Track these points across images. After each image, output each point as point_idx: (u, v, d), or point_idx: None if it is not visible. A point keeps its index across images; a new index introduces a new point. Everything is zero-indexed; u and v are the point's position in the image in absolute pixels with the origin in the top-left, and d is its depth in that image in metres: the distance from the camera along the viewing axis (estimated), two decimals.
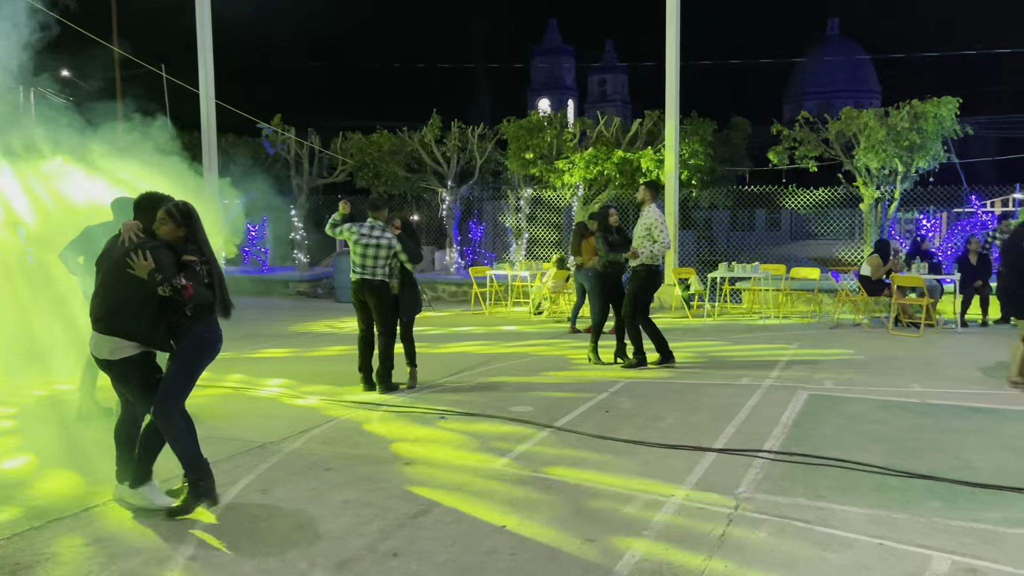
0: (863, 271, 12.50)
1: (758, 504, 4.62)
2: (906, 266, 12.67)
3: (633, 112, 55.24)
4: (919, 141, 14.45)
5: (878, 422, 6.52)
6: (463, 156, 18.61)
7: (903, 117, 14.40)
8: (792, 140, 15.98)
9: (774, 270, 13.98)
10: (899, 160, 14.67)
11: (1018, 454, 5.58)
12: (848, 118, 15.15)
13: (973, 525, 4.29)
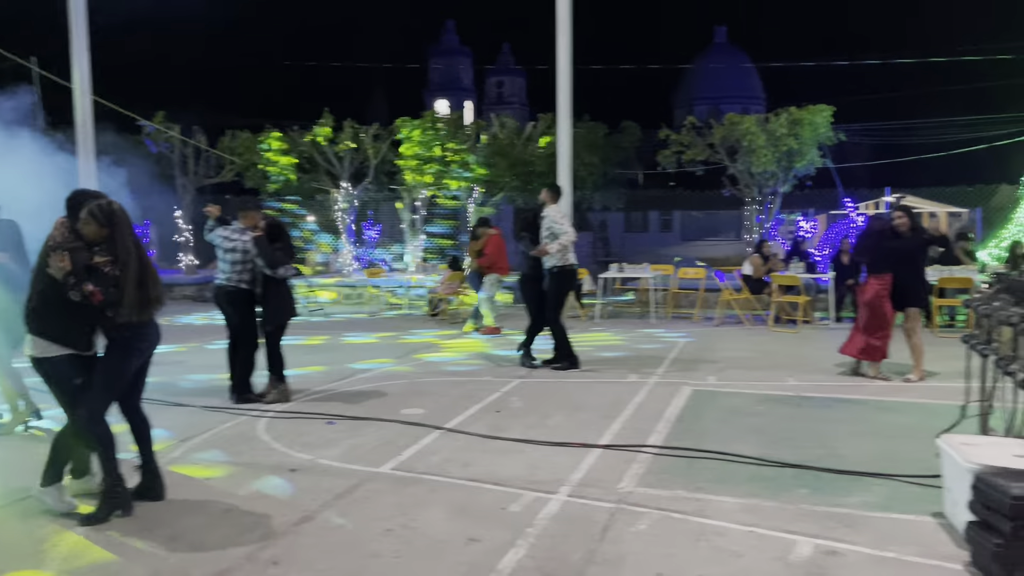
0: (745, 271, 13.04)
1: (639, 498, 4.76)
2: (785, 265, 13.29)
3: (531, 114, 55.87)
4: (797, 146, 15.21)
5: (755, 415, 6.81)
6: (357, 156, 18.38)
7: (782, 123, 15.13)
8: (680, 144, 16.53)
9: (663, 270, 14.41)
10: (778, 164, 15.38)
11: (879, 441, 5.94)
12: (731, 124, 15.79)
13: (836, 510, 4.54)
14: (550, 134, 17.28)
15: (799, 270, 12.84)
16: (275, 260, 7.21)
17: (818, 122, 15.14)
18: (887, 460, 5.42)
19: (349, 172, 18.40)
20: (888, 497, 4.75)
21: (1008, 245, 13.96)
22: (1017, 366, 4.53)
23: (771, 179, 15.81)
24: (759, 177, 15.75)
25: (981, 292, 5.61)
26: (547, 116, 17.31)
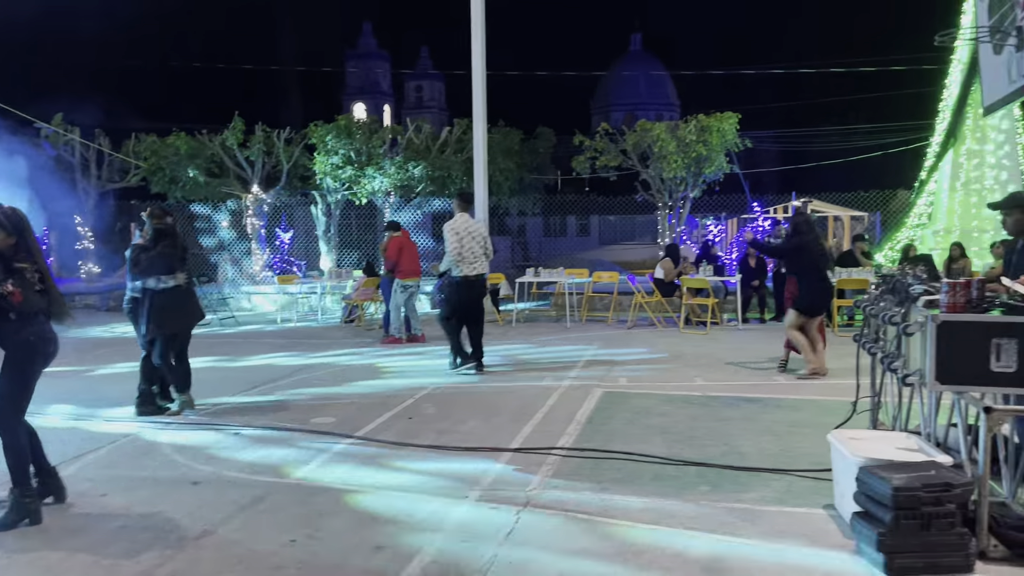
0: (657, 274, 13.34)
1: (547, 500, 4.82)
2: (695, 269, 13.65)
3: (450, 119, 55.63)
4: (705, 153, 15.64)
5: (662, 415, 6.98)
6: (269, 160, 18.02)
7: (691, 130, 15.54)
8: (594, 150, 16.79)
9: (578, 274, 14.62)
10: (688, 170, 15.79)
11: (778, 438, 6.17)
12: (643, 130, 16.14)
13: (735, 505, 4.70)
14: (466, 139, 17.33)
15: (708, 273, 13.20)
16: (144, 269, 6.86)
17: (725, 129, 15.62)
18: (784, 456, 5.64)
19: (261, 176, 18.01)
20: (784, 491, 4.94)
21: (901, 247, 14.68)
22: (900, 363, 4.77)
23: (681, 184, 16.22)
24: (670, 182, 16.14)
25: (869, 293, 5.89)
26: (463, 121, 17.35)
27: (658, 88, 65.33)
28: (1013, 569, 3.78)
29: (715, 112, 15.78)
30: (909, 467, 3.92)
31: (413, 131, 17.95)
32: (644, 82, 63.93)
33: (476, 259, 8.84)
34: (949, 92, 16.17)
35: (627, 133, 16.52)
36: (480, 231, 9.02)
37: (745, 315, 13.24)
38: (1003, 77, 6.48)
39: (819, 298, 8.66)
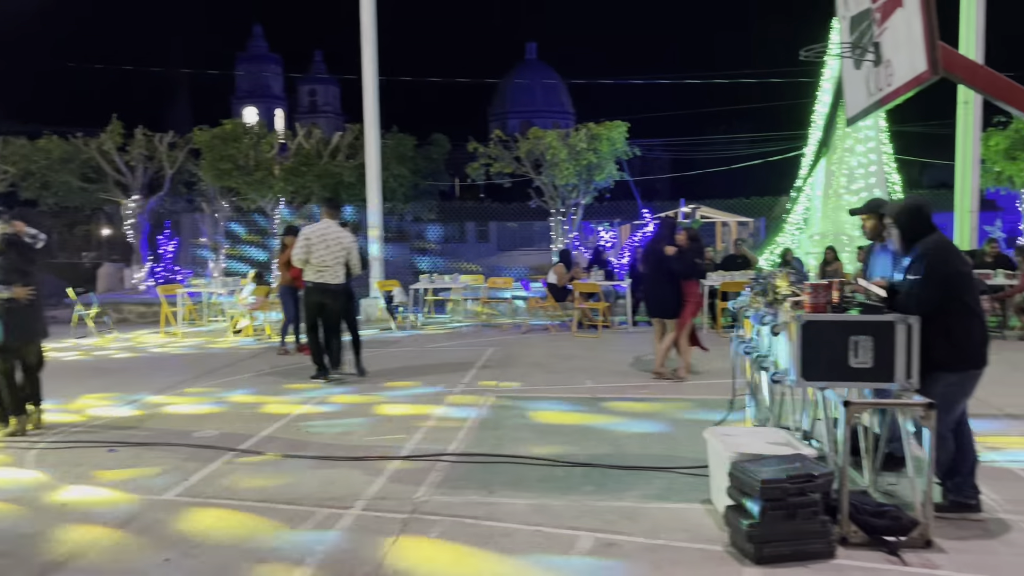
0: (550, 279, 13.53)
1: (434, 506, 4.81)
2: (587, 274, 13.91)
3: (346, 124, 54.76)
4: (596, 160, 15.98)
5: (553, 418, 7.07)
6: (151, 165, 17.30)
7: (581, 138, 15.85)
8: (488, 157, 16.90)
9: (473, 280, 14.66)
10: (579, 177, 16.10)
11: (659, 437, 6.36)
12: (535, 138, 16.35)
13: (618, 504, 4.82)
14: (359, 144, 17.14)
15: (599, 278, 13.48)
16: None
17: (615, 137, 16.01)
18: (667, 454, 5.81)
19: (142, 182, 17.27)
20: (665, 489, 5.09)
21: (780, 251, 15.39)
22: (770, 362, 5.00)
23: (573, 191, 16.52)
24: (562, 189, 16.41)
25: (744, 294, 6.16)
26: (355, 126, 17.15)
27: (554, 96, 66.30)
28: (871, 553, 4.02)
29: (604, 121, 16.16)
30: (776, 460, 4.11)
31: (303, 136, 17.61)
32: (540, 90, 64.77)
33: (325, 267, 8.55)
34: (821, 104, 17.10)
35: (520, 140, 16.69)
36: (339, 240, 8.68)
37: (635, 318, 13.57)
38: (863, 90, 6.89)
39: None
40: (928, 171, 33.44)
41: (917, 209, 4.59)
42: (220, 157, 16.22)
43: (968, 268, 4.57)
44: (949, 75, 5.54)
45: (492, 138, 16.93)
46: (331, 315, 8.82)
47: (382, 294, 14.16)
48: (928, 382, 4.30)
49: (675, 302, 8.63)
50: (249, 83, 66.73)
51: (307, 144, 17.51)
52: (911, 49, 5.57)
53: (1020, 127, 13.68)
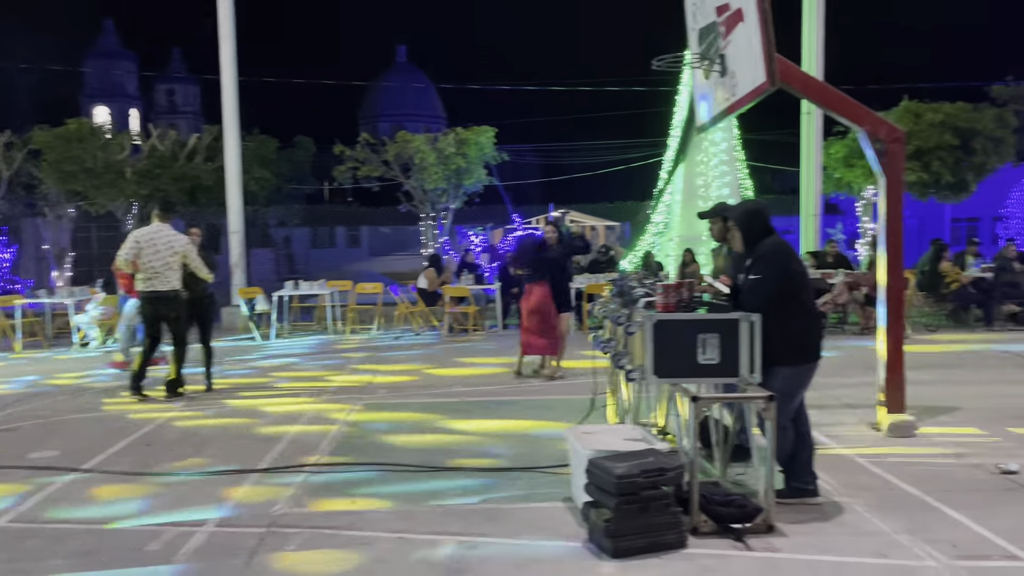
0: (420, 284, 13.46)
1: (293, 518, 4.67)
2: (456, 278, 13.94)
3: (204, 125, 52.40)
4: (465, 165, 16.04)
5: (415, 423, 7.03)
6: None
7: (450, 143, 15.87)
8: (355, 160, 16.63)
9: (341, 286, 14.38)
10: (448, 182, 16.12)
11: (527, 437, 6.44)
12: (403, 141, 16.25)
13: (482, 506, 4.84)
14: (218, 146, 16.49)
15: (469, 282, 13.53)
16: None
17: (483, 142, 16.13)
18: (531, 455, 5.88)
19: None
20: (529, 489, 5.15)
21: (643, 254, 15.94)
22: (626, 360, 5.16)
23: (443, 195, 16.53)
24: (432, 193, 16.39)
25: (604, 296, 6.34)
26: (214, 127, 16.49)
27: (425, 100, 66.11)
28: (719, 541, 4.21)
29: (473, 126, 16.25)
30: (631, 456, 4.24)
31: (157, 137, 16.77)
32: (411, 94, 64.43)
33: (155, 274, 8.08)
34: (678, 112, 17.83)
35: (388, 144, 16.54)
36: (171, 244, 8.16)
37: (505, 321, 13.69)
38: (712, 99, 7.23)
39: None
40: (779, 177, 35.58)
41: (756, 213, 4.86)
42: (64, 158, 15.19)
43: (803, 268, 4.87)
44: (786, 86, 5.89)
45: (360, 141, 16.68)
46: (173, 324, 8.32)
47: (244, 302, 13.67)
48: (768, 376, 4.55)
49: (556, 299, 8.88)
50: (100, 81, 62.94)
51: (161, 146, 16.68)
52: (752, 61, 5.89)
53: (856, 136, 14.73)
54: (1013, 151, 15.22)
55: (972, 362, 9.53)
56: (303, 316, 15.09)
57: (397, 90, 63.40)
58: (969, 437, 6.14)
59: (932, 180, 14.52)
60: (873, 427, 6.41)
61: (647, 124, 33.13)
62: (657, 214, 18.56)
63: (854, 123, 6.23)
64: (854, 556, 4.04)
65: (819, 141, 14.09)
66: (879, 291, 6.44)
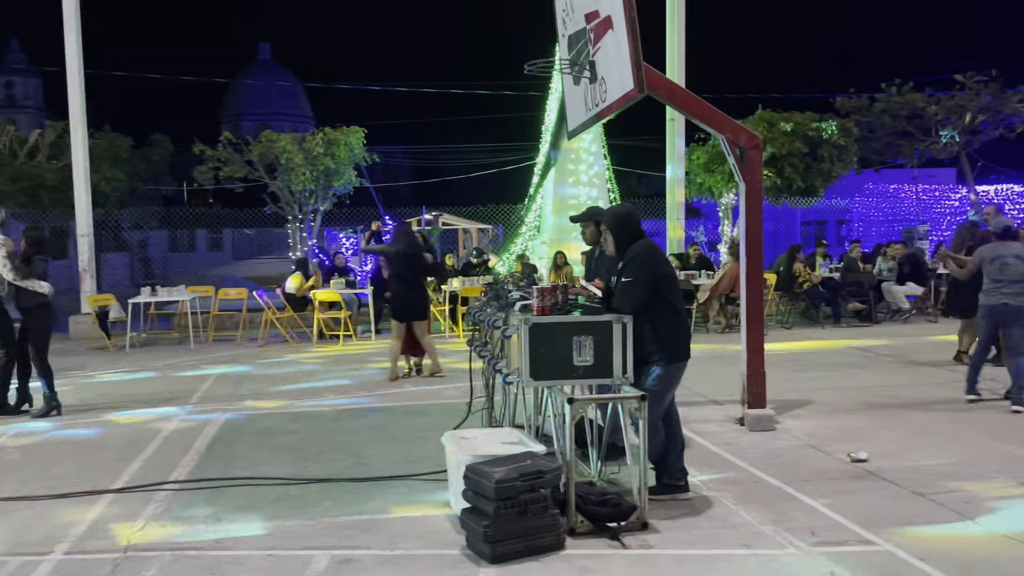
0: (287, 289, 13.02)
1: (152, 541, 4.38)
2: (326, 282, 13.57)
3: (47, 121, 48.89)
4: (333, 166, 15.65)
5: (289, 433, 6.78)
6: None
7: (318, 143, 15.45)
8: (216, 160, 15.92)
9: (203, 292, 13.71)
10: (317, 183, 15.69)
11: (403, 444, 6.32)
12: (268, 141, 15.68)
13: (356, 517, 4.69)
14: (64, 144, 15.38)
15: (340, 286, 13.20)
16: None
17: (353, 143, 15.79)
18: (408, 462, 5.78)
19: None
20: (405, 497, 5.05)
21: (516, 257, 16.06)
22: (503, 364, 5.16)
23: (311, 197, 16.07)
24: (299, 195, 15.91)
25: (480, 300, 6.31)
26: (58, 124, 15.36)
27: (291, 99, 64.32)
28: (596, 540, 4.26)
29: (341, 126, 15.89)
30: (509, 460, 4.22)
31: None
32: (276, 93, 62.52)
33: None
34: (549, 117, 18.13)
35: (252, 144, 15.91)
36: None
37: (379, 326, 13.46)
38: (582, 105, 7.35)
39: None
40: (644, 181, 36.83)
41: (627, 217, 4.96)
42: None
43: (672, 271, 5.01)
44: (653, 94, 6.06)
45: (222, 140, 15.96)
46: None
47: (94, 310, 12.79)
48: (640, 375, 4.66)
49: (424, 303, 8.85)
50: None
51: None
52: (621, 69, 6.02)
53: (716, 143, 15.41)
54: (855, 159, 16.36)
55: (824, 358, 10.15)
56: (161, 324, 14.30)
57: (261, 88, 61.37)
58: (823, 428, 6.51)
59: (785, 185, 15.39)
60: (737, 422, 6.69)
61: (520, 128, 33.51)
62: (529, 217, 18.80)
63: (716, 130, 6.47)
64: (722, 548, 4.18)
65: (683, 147, 14.64)
66: (741, 291, 6.72)
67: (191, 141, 16.59)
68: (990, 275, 6.99)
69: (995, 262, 6.94)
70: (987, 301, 7.04)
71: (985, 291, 7.07)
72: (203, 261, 42.52)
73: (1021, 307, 6.85)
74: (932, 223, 22.59)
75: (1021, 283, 6.85)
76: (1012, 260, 6.87)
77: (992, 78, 16.47)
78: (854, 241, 14.76)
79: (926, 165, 19.53)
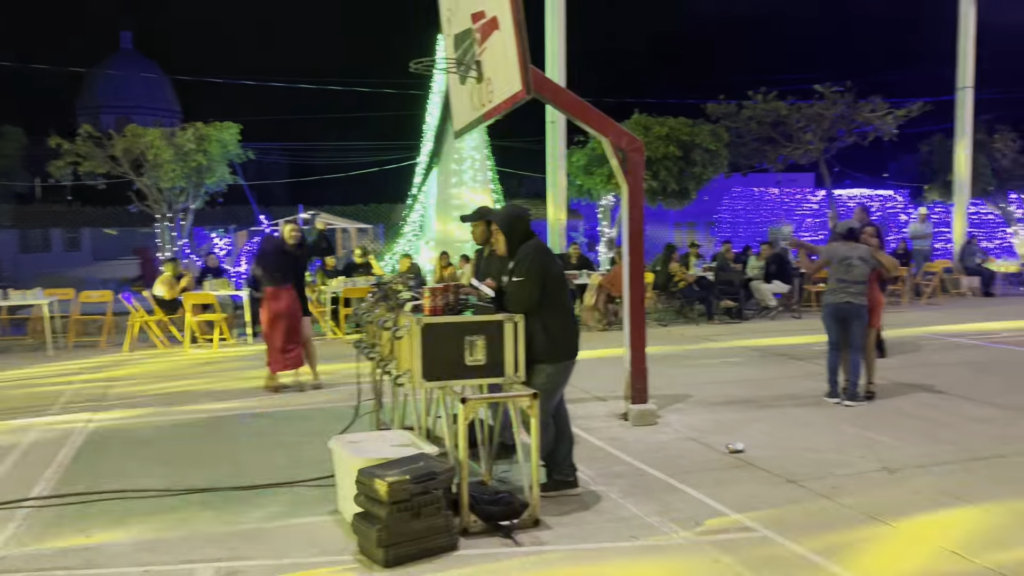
0: (156, 291, 12.40)
1: (13, 562, 4.07)
2: (199, 284, 13.00)
3: None
4: (206, 162, 14.99)
5: (164, 443, 6.46)
6: None
7: (189, 138, 14.76)
8: (76, 155, 14.95)
9: (61, 294, 12.84)
10: (188, 180, 15.00)
11: (287, 450, 6.13)
12: (134, 135, 14.86)
13: (241, 527, 4.52)
14: None
15: (214, 288, 12.67)
16: None
17: (226, 139, 15.18)
18: (293, 468, 5.61)
19: None
20: (291, 505, 4.90)
21: (399, 257, 15.90)
22: (393, 365, 5.08)
23: (181, 195, 15.34)
24: (168, 193, 15.15)
25: (367, 301, 6.19)
26: None
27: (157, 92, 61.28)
28: (489, 539, 4.27)
29: (214, 121, 15.24)
30: (401, 462, 4.17)
31: None
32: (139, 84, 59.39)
33: None
34: (432, 116, 18.07)
35: (115, 138, 15.02)
36: None
37: (255, 329, 13.00)
38: (468, 105, 7.35)
39: None
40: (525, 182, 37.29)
41: (518, 217, 4.99)
42: None
43: (561, 270, 5.09)
44: (539, 96, 6.13)
45: (80, 133, 14.98)
46: None
47: None
48: (531, 374, 4.70)
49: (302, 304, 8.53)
50: None
51: None
52: (508, 70, 6.06)
53: (595, 145, 15.77)
54: (725, 163, 17.11)
55: (700, 354, 10.56)
56: (14, 330, 13.32)
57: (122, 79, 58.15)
58: (702, 421, 6.78)
59: (660, 188, 15.91)
60: (621, 417, 6.86)
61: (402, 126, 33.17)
62: (413, 217, 18.68)
63: (601, 133, 6.62)
64: (612, 541, 4.27)
65: (563, 149, 14.89)
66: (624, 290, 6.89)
67: (46, 133, 15.49)
68: (836, 275, 7.41)
69: (842, 263, 7.37)
70: (831, 300, 7.46)
71: (830, 290, 7.50)
72: (59, 262, 39.84)
73: (862, 306, 7.33)
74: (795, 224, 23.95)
75: (863, 284, 7.33)
76: (857, 262, 7.32)
77: (847, 89, 17.61)
78: (725, 242, 15.44)
79: (789, 170, 20.65)
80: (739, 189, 26.17)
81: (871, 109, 17.87)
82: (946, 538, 4.21)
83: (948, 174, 19.12)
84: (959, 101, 18.17)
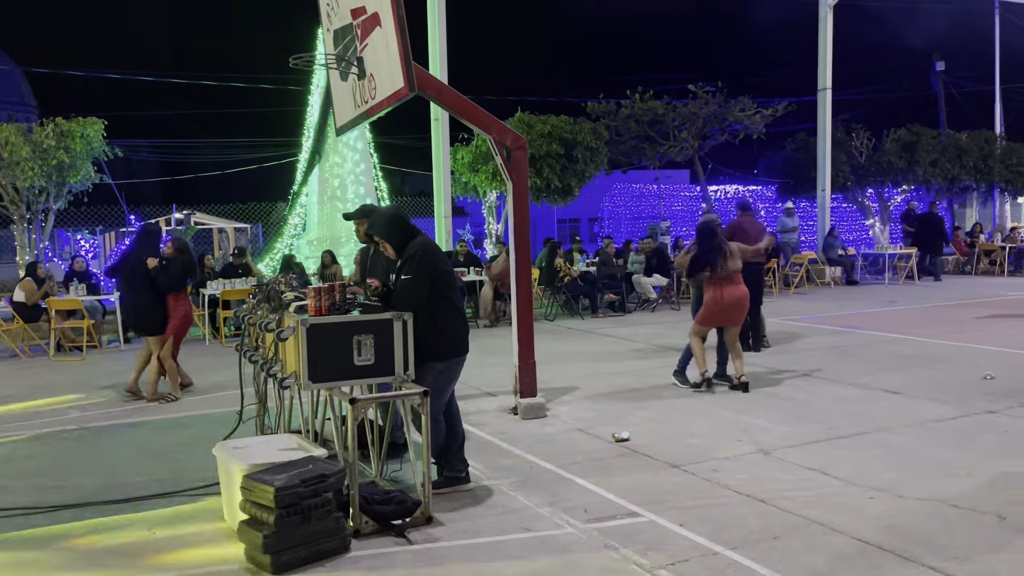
0: (16, 297, 11.62)
1: None
2: (64, 289, 12.27)
3: None
4: (68, 160, 14.12)
5: (28, 458, 6.07)
6: None
7: (48, 135, 13.87)
8: None
9: None
10: (49, 179, 14.10)
11: (165, 460, 5.88)
12: None
13: (118, 542, 4.31)
14: None
15: (81, 293, 11.98)
16: None
17: (91, 135, 14.32)
18: (175, 478, 5.39)
19: None
20: (173, 516, 4.71)
21: (281, 257, 15.49)
22: (278, 368, 4.96)
23: (42, 195, 14.39)
24: (27, 192, 14.18)
25: (248, 302, 6.01)
26: None
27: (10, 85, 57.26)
28: (382, 539, 4.24)
29: (76, 116, 14.35)
30: (289, 466, 4.08)
31: None
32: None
33: None
34: (312, 113, 17.68)
35: None
36: None
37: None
38: (350, 102, 7.24)
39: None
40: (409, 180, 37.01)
41: (394, 219, 4.95)
42: None
43: (449, 267, 5.09)
44: (423, 93, 6.11)
45: None
46: None
47: None
48: (421, 372, 4.69)
49: (159, 317, 8.03)
50: None
51: None
52: (390, 67, 6.01)
53: (480, 143, 15.83)
54: (606, 160, 17.53)
55: (588, 348, 10.79)
56: None
57: None
58: (589, 413, 6.94)
59: (544, 185, 16.13)
60: (511, 411, 6.94)
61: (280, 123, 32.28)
62: (294, 215, 18.22)
63: (484, 131, 6.66)
64: (505, 534, 4.32)
65: (447, 147, 14.87)
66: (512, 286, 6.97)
67: None
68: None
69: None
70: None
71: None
72: None
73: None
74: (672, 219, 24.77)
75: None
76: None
77: (719, 89, 18.39)
78: (606, 237, 15.82)
79: (666, 167, 21.36)
80: (620, 186, 26.87)
81: (741, 108, 18.72)
82: (819, 510, 4.47)
83: (812, 171, 20.27)
84: (820, 102, 19.32)
